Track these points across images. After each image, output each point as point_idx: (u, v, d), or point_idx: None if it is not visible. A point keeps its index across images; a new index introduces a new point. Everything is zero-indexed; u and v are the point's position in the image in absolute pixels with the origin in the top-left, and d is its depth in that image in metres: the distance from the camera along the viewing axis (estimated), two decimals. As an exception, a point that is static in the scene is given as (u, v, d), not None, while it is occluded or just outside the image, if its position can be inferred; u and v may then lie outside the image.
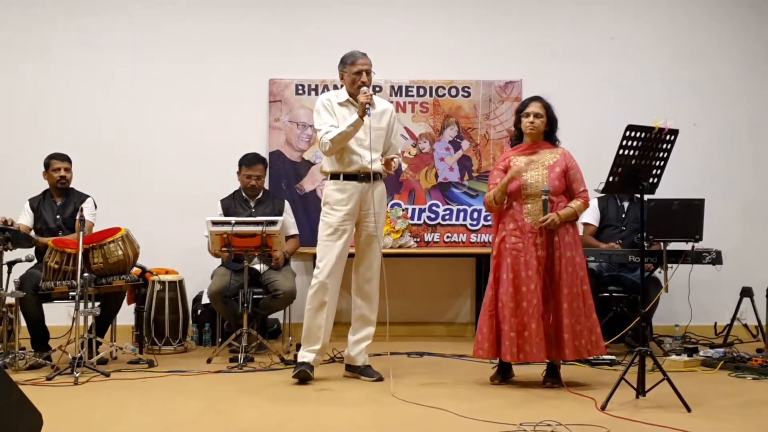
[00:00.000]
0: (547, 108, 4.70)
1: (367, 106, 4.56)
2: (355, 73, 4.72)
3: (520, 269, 4.53)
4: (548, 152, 4.68)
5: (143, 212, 6.40)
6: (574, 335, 4.50)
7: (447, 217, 6.72)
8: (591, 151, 6.42)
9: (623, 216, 6.05)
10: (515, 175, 4.56)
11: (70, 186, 5.73)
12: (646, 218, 5.36)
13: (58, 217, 5.65)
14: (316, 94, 6.54)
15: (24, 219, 5.62)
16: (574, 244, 4.60)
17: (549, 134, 4.72)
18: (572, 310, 4.50)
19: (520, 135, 4.76)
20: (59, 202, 5.69)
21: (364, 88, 4.66)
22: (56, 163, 5.65)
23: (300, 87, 6.71)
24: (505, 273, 4.56)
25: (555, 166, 4.63)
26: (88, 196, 5.73)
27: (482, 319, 4.64)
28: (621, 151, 4.17)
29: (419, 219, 6.73)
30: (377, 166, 4.78)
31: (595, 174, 5.30)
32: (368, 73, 4.73)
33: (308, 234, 6.16)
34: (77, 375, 4.67)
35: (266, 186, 6.35)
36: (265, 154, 6.49)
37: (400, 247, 6.51)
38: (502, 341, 4.52)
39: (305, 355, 4.76)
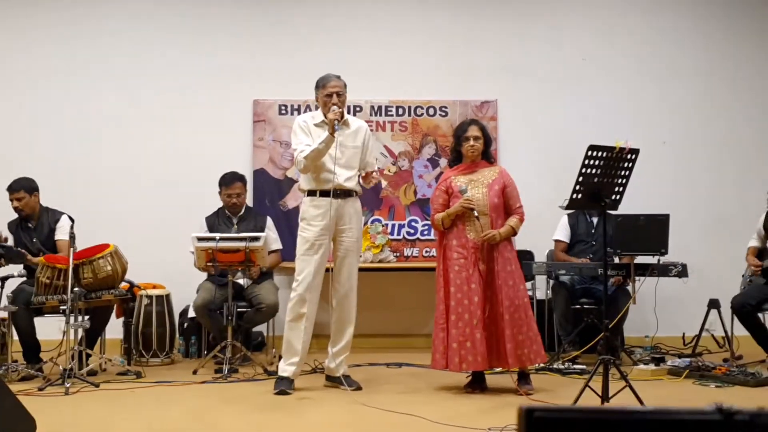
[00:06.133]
0: (483, 129, 4.98)
1: (336, 122, 4.74)
2: (326, 95, 4.91)
3: (463, 284, 4.76)
4: (487, 170, 4.96)
5: (132, 229, 6.56)
6: (517, 345, 4.74)
7: (426, 232, 6.90)
8: (564, 169, 6.62)
9: (593, 231, 6.22)
10: (467, 207, 4.76)
11: (42, 205, 5.77)
12: (614, 233, 5.61)
13: (35, 240, 5.71)
14: (299, 113, 6.74)
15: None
16: (513, 259, 4.87)
17: (485, 153, 4.99)
18: (514, 320, 4.74)
19: (459, 156, 5.00)
20: (33, 224, 5.73)
21: (334, 107, 4.82)
22: (10, 195, 5.67)
23: (283, 107, 6.91)
24: (449, 286, 4.80)
25: (494, 184, 4.89)
26: (62, 213, 5.77)
27: (434, 332, 4.88)
28: (584, 170, 4.36)
29: (399, 234, 6.93)
30: (352, 183, 4.98)
31: (568, 191, 5.50)
32: (339, 95, 4.90)
33: (291, 249, 6.30)
34: (68, 386, 4.81)
35: (250, 203, 6.54)
36: (249, 173, 6.68)
37: (380, 261, 6.69)
38: (447, 351, 4.75)
39: (285, 369, 4.90)
